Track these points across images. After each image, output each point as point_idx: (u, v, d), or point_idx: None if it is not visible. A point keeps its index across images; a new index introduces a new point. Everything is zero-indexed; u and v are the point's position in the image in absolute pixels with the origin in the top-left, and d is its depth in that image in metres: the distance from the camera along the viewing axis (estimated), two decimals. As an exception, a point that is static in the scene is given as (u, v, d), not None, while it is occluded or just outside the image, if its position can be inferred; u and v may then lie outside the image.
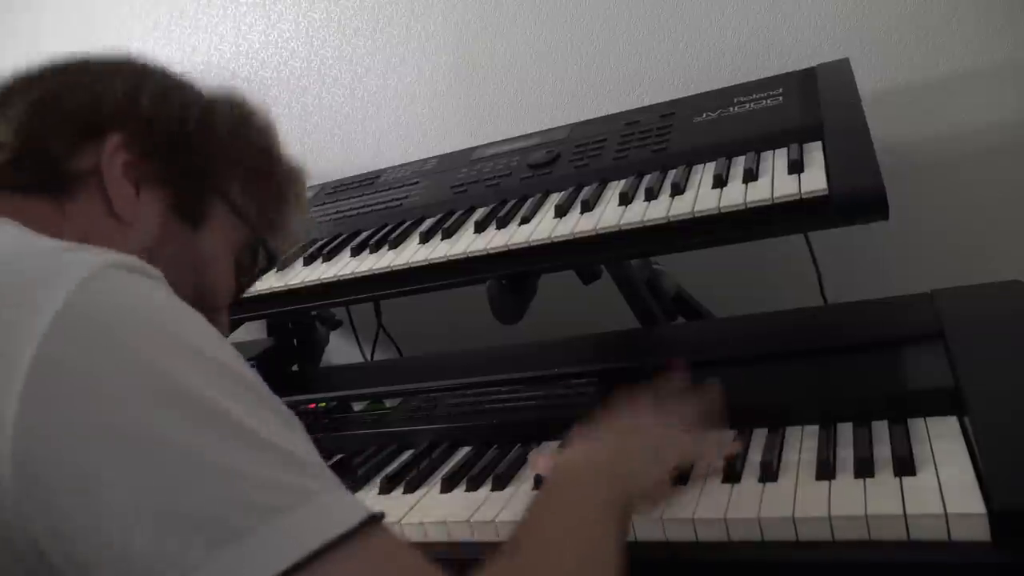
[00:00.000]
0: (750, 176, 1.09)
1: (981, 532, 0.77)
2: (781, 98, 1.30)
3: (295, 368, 1.82)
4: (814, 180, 1.02)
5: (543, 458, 1.04)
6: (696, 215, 1.05)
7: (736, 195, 1.05)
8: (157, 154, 0.80)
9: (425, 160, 1.67)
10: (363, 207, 1.55)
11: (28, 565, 0.53)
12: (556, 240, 1.13)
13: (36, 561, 0.53)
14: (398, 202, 1.50)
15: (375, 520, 0.58)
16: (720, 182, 1.10)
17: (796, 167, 1.07)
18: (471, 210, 1.35)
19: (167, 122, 0.81)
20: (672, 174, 1.19)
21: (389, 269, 1.24)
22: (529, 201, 1.28)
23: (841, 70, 1.34)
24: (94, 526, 0.52)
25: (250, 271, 0.93)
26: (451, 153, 1.65)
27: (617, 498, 0.80)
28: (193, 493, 0.52)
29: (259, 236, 0.91)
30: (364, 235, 1.41)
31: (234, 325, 1.56)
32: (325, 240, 1.46)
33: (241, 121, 0.89)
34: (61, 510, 0.52)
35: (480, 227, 1.24)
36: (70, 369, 0.53)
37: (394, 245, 1.30)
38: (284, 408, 0.61)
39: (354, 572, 0.55)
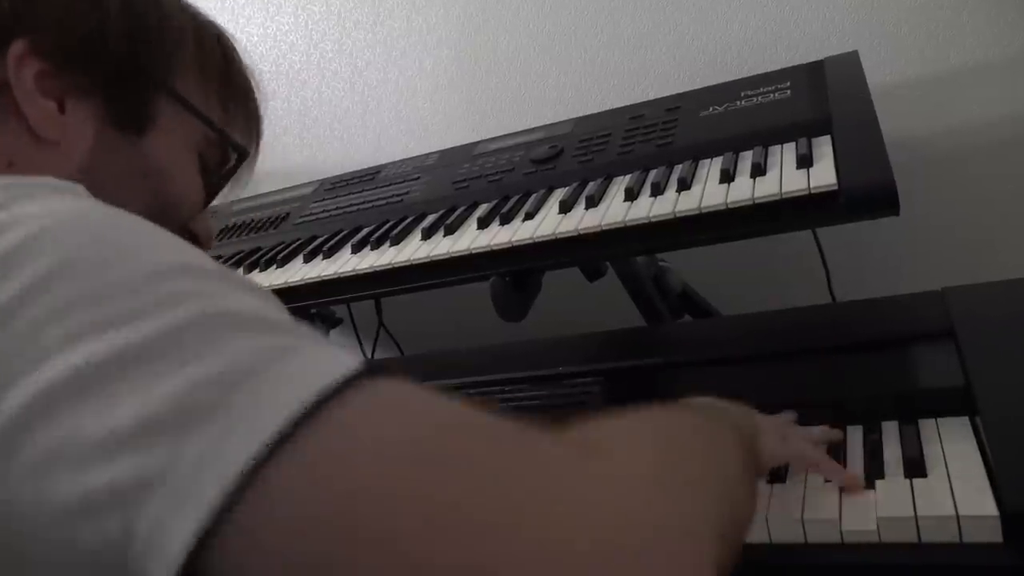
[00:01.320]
0: (758, 171, 1.09)
1: (993, 534, 0.77)
2: (789, 92, 1.30)
3: (294, 367, 1.82)
4: (823, 175, 1.02)
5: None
6: (703, 211, 1.05)
7: (743, 190, 1.05)
8: (76, 57, 0.69)
9: (426, 155, 1.66)
10: (363, 203, 1.55)
11: None
12: (560, 236, 1.13)
13: None
14: (399, 198, 1.50)
15: (377, 371, 0.47)
16: (727, 177, 1.10)
17: (805, 161, 1.06)
18: (474, 206, 1.35)
19: (80, 18, 0.70)
20: (678, 169, 1.19)
21: (390, 266, 1.24)
22: (533, 197, 1.28)
23: (850, 63, 1.34)
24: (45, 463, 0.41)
25: (219, 170, 0.83)
26: (453, 148, 1.65)
27: (749, 447, 0.73)
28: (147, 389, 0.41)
29: (220, 129, 0.81)
30: (365, 231, 1.41)
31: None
32: (325, 236, 1.46)
33: (172, 2, 0.78)
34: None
35: (483, 223, 1.24)
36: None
37: (395, 242, 1.30)
38: (251, 281, 0.52)
39: (368, 418, 0.43)
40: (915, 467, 0.86)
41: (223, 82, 0.82)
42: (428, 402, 0.48)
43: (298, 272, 1.34)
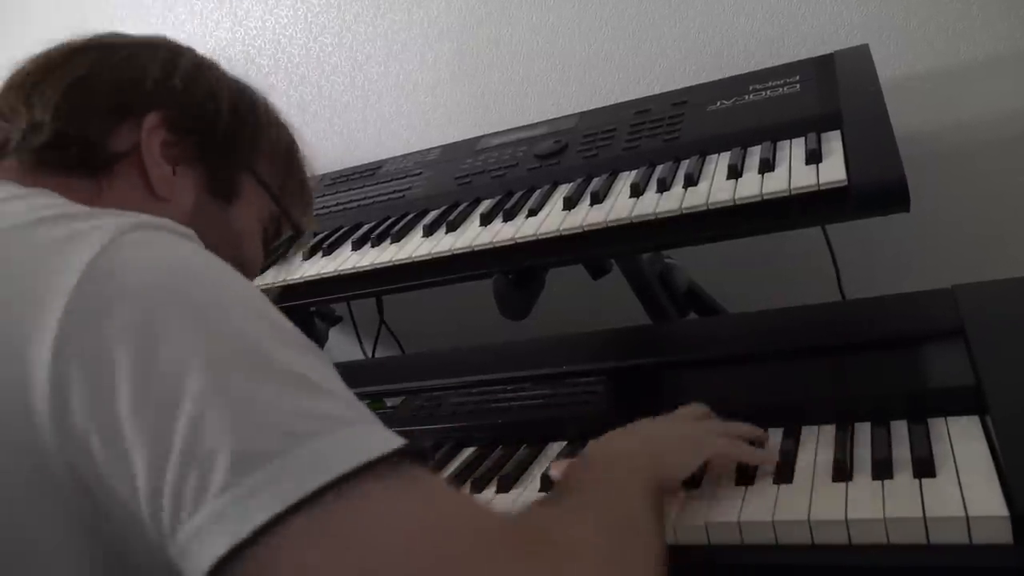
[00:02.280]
0: (766, 166, 1.09)
1: (1003, 535, 0.77)
2: (798, 86, 1.30)
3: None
4: (833, 170, 1.02)
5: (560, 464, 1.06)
6: (710, 207, 1.05)
7: (752, 186, 1.05)
8: (192, 132, 0.85)
9: (428, 150, 1.67)
10: (364, 199, 1.55)
11: (65, 496, 0.56)
12: (565, 233, 1.13)
13: (71, 489, 0.56)
14: (400, 194, 1.51)
15: (415, 455, 0.59)
16: (735, 173, 1.10)
17: (814, 157, 1.07)
18: (476, 202, 1.35)
19: (201, 101, 0.86)
20: (685, 164, 1.19)
21: (391, 263, 1.24)
22: (536, 193, 1.28)
23: (860, 56, 1.34)
24: (122, 455, 0.55)
25: (274, 242, 0.99)
26: (455, 143, 1.65)
27: (651, 478, 0.84)
28: (219, 423, 0.54)
29: (283, 208, 0.96)
30: (365, 228, 1.41)
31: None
32: (325, 233, 1.46)
33: (259, 98, 0.95)
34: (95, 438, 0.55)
35: (486, 219, 1.24)
36: (100, 312, 0.57)
37: (396, 238, 1.30)
38: (316, 347, 0.64)
39: (386, 499, 0.56)
40: (924, 467, 0.87)
41: (289, 171, 0.99)
42: (435, 503, 0.59)
43: (298, 270, 1.34)
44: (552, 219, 1.16)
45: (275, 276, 1.34)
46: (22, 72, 0.83)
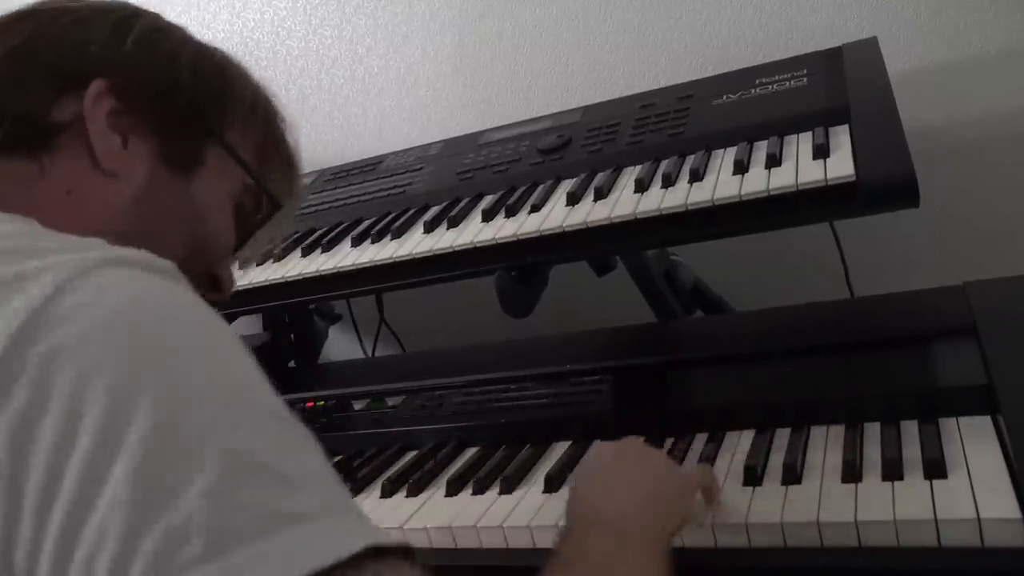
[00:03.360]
0: (773, 161, 1.09)
1: (1016, 538, 0.77)
2: (805, 79, 1.30)
3: (292, 364, 1.83)
4: (841, 165, 1.02)
5: None
6: (716, 203, 1.05)
7: (758, 181, 1.05)
8: (146, 100, 0.78)
9: (429, 145, 1.67)
10: (364, 194, 1.55)
11: None
12: (568, 229, 1.13)
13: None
14: (401, 189, 1.50)
15: (387, 550, 0.51)
16: (741, 168, 1.10)
17: (821, 152, 1.06)
18: (478, 197, 1.35)
19: (157, 65, 0.80)
20: (690, 159, 1.19)
21: (392, 260, 1.24)
22: (540, 188, 1.28)
23: (868, 49, 1.34)
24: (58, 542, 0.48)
25: (251, 218, 0.91)
26: (457, 137, 1.65)
27: (660, 535, 0.81)
28: (156, 523, 0.47)
29: (259, 179, 0.89)
30: (366, 224, 1.41)
31: (229, 319, 1.57)
32: (324, 229, 1.46)
33: (232, 62, 0.88)
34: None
35: (488, 215, 1.24)
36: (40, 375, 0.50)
37: (397, 235, 1.30)
38: (291, 416, 0.57)
39: None
40: (935, 468, 0.87)
41: (266, 139, 0.91)
42: None
43: (296, 266, 1.34)
44: (555, 215, 1.16)
45: (273, 273, 1.34)
46: None
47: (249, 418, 0.54)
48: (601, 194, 1.17)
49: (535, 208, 1.21)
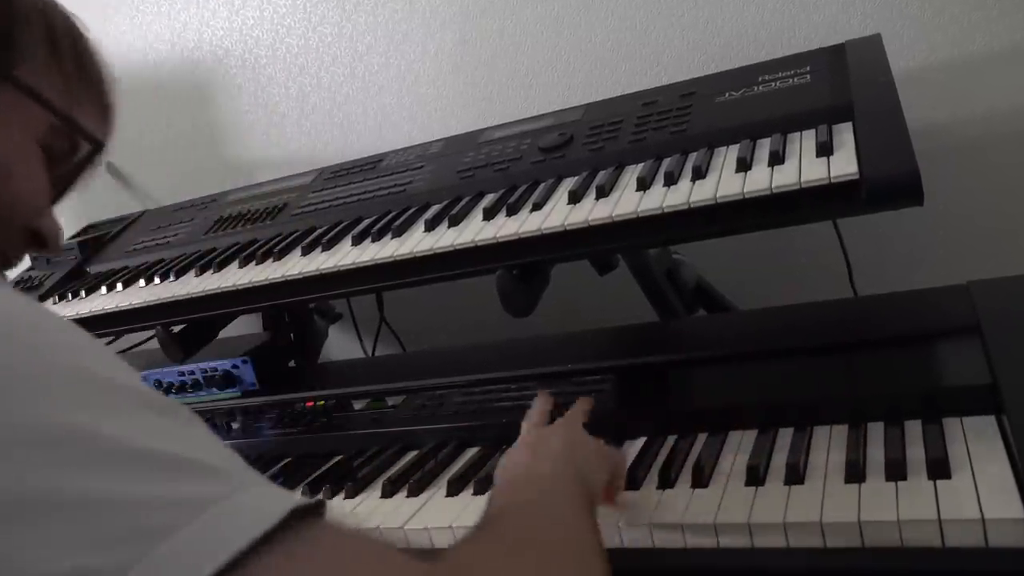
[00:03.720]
0: (776, 159, 1.09)
1: (1020, 538, 0.77)
2: (808, 76, 1.30)
3: (292, 364, 1.83)
4: (844, 163, 1.02)
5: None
6: (719, 201, 1.05)
7: (761, 179, 1.05)
8: None
9: (430, 143, 1.67)
10: (364, 193, 1.55)
11: None
12: (570, 228, 1.13)
13: None
14: (401, 188, 1.50)
15: (307, 511, 0.51)
16: (744, 166, 1.10)
17: (825, 150, 1.06)
18: (479, 196, 1.35)
19: None
20: (693, 157, 1.19)
21: (392, 259, 1.24)
22: (541, 186, 1.28)
23: (872, 46, 1.33)
24: None
25: (67, 161, 0.82)
26: (458, 136, 1.65)
27: (588, 495, 0.83)
28: (56, 539, 0.45)
29: (68, 117, 0.79)
30: (366, 223, 1.41)
31: (228, 318, 1.58)
32: (325, 228, 1.46)
33: None
34: None
35: (489, 214, 1.24)
36: None
37: (397, 233, 1.30)
38: (169, 402, 0.55)
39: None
40: (939, 468, 0.87)
41: (73, 70, 0.80)
42: (344, 554, 0.52)
43: (296, 265, 1.34)
44: (557, 214, 1.16)
45: (273, 272, 1.34)
46: None
47: (125, 410, 0.51)
48: (603, 192, 1.17)
49: (536, 207, 1.21)
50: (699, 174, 1.12)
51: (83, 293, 1.64)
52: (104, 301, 1.55)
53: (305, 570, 0.49)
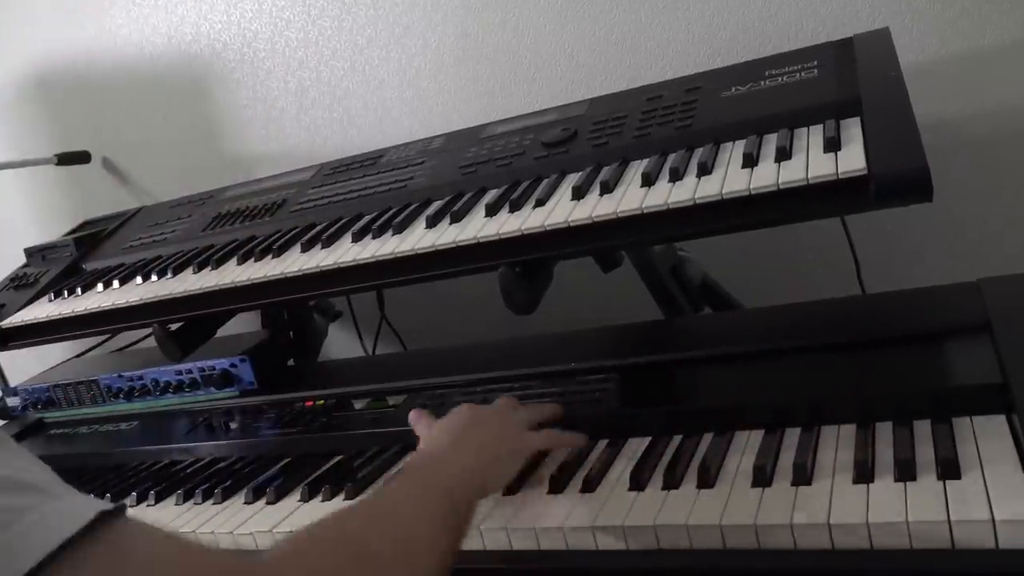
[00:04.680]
0: (783, 155, 1.09)
1: (1032, 539, 0.77)
2: (816, 71, 1.29)
3: (291, 362, 1.83)
4: (852, 159, 1.02)
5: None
6: (725, 197, 1.05)
7: (768, 175, 1.05)
8: None
9: (431, 138, 1.67)
10: (365, 189, 1.55)
11: None
12: (573, 224, 1.13)
13: None
14: (403, 183, 1.50)
15: (108, 516, 0.55)
16: (750, 161, 1.10)
17: (832, 145, 1.06)
18: (481, 192, 1.35)
19: None
20: (698, 153, 1.19)
21: (393, 256, 1.24)
22: (544, 182, 1.28)
23: (880, 40, 1.33)
24: None
25: None
26: (459, 131, 1.65)
27: (477, 488, 0.95)
28: None
29: None
30: (366, 219, 1.41)
31: (226, 316, 1.57)
32: (324, 224, 1.46)
33: None
34: None
35: (491, 210, 1.24)
36: None
37: (398, 230, 1.30)
38: None
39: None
40: (949, 468, 0.86)
41: None
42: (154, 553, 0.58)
43: (296, 262, 1.34)
44: (560, 210, 1.16)
45: (272, 269, 1.34)
46: None
47: None
48: (607, 188, 1.17)
49: (540, 203, 1.21)
50: (705, 170, 1.12)
51: (79, 290, 1.64)
52: (100, 299, 1.55)
53: (120, 558, 0.55)
